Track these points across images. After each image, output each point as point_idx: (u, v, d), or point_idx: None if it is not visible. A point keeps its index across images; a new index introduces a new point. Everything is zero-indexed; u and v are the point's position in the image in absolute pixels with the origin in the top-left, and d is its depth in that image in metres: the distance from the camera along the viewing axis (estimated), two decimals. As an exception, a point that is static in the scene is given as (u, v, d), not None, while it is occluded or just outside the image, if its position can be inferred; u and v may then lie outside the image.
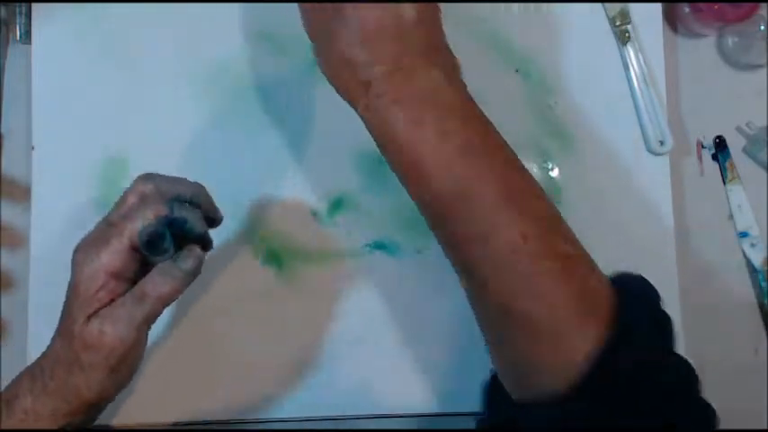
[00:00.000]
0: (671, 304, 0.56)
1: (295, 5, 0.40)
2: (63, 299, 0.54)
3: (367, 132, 0.37)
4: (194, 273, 0.41)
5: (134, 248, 0.40)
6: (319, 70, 0.40)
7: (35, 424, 0.40)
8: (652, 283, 0.42)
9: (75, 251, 0.41)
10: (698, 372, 0.39)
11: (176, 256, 0.41)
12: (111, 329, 0.39)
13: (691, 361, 0.39)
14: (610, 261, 0.55)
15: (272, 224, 0.54)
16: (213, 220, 0.45)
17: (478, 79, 0.56)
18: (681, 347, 0.54)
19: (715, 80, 0.59)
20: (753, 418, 0.56)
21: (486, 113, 0.58)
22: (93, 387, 0.40)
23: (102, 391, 0.41)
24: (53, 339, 0.42)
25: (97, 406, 0.42)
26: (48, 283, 0.53)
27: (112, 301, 0.40)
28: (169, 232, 0.40)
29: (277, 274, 0.54)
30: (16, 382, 0.42)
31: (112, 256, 0.40)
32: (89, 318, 0.40)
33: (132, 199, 0.42)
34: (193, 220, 0.41)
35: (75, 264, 0.41)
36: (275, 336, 0.54)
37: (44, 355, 0.42)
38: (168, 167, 0.55)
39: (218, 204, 0.45)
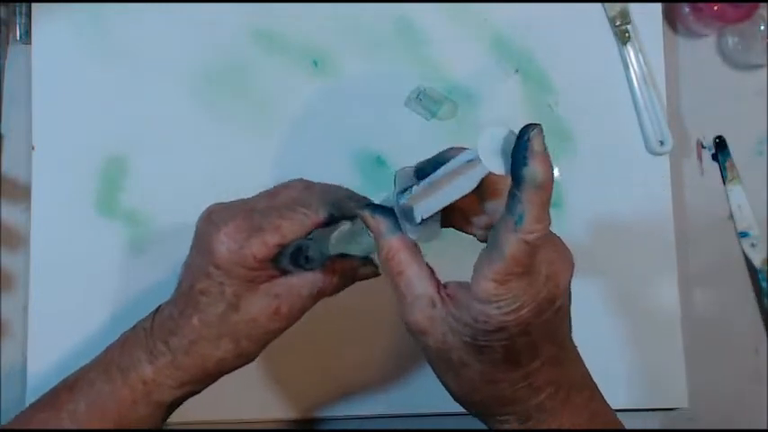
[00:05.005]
0: (671, 304, 0.56)
1: (296, 5, 0.40)
2: (63, 299, 0.54)
3: (366, 132, 0.37)
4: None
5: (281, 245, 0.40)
6: (319, 69, 0.40)
7: (156, 394, 0.41)
8: (652, 282, 0.42)
9: (214, 224, 0.40)
10: (699, 372, 0.38)
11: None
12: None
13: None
14: (610, 261, 0.56)
15: (271, 224, 0.54)
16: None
17: (479, 79, 0.57)
18: (681, 348, 0.55)
19: (715, 80, 0.59)
20: (753, 418, 0.56)
21: (487, 113, 0.58)
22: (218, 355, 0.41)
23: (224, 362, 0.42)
24: (165, 307, 0.42)
25: (215, 376, 0.43)
26: (48, 283, 0.53)
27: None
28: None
29: (277, 274, 0.54)
30: (121, 350, 0.42)
31: (260, 248, 0.39)
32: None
33: (290, 193, 0.43)
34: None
35: (218, 242, 0.39)
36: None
37: (153, 324, 0.42)
38: (168, 167, 0.55)
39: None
